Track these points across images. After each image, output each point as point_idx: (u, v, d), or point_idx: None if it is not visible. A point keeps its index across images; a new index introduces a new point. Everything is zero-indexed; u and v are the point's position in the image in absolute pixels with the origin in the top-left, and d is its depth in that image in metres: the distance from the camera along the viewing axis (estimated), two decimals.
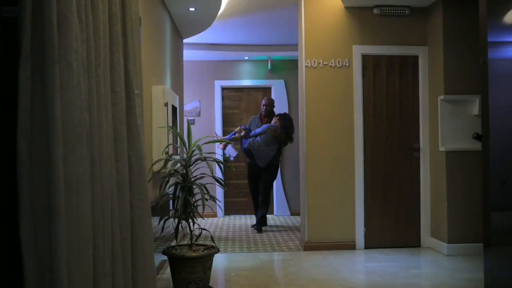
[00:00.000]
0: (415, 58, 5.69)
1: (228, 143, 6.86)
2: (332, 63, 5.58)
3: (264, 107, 7.22)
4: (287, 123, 6.90)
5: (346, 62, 5.59)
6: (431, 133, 5.57)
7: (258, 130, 6.87)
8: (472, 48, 4.99)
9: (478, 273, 4.10)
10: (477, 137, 4.30)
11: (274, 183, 8.41)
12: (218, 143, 7.25)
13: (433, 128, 5.54)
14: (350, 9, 5.60)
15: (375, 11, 5.57)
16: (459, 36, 5.29)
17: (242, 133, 6.88)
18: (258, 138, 6.77)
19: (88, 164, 2.00)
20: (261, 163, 6.83)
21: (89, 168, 2.03)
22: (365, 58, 5.64)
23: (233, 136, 6.97)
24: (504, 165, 3.50)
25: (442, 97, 5.31)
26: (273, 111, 7.25)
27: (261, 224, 6.98)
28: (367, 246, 5.56)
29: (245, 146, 6.83)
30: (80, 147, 1.91)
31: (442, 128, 5.35)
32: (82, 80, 1.97)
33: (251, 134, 6.86)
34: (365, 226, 5.57)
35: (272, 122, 6.91)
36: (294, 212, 8.19)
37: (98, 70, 2.20)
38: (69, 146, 1.86)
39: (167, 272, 4.35)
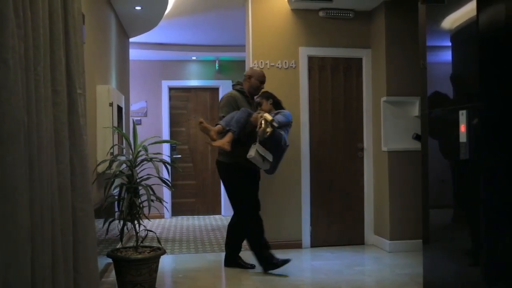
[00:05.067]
0: (359, 60, 5.83)
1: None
2: (279, 64, 5.63)
3: (262, 84, 4.80)
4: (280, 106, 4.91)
5: (292, 64, 5.66)
6: (374, 134, 5.73)
7: (282, 118, 4.57)
8: (413, 51, 5.16)
9: (418, 268, 4.24)
10: (417, 137, 4.46)
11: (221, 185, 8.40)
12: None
13: (376, 129, 5.69)
14: (297, 11, 5.68)
15: (321, 14, 5.67)
16: (400, 40, 5.46)
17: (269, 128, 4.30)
18: (282, 131, 4.55)
19: (26, 166, 1.94)
20: (276, 169, 4.72)
21: (28, 169, 1.97)
22: (311, 59, 5.72)
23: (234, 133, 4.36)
24: (442, 164, 3.65)
25: (384, 98, 5.47)
26: None
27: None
28: (313, 245, 5.65)
29: (287, 143, 4.63)
30: (17, 147, 1.85)
31: (384, 128, 5.50)
32: (19, 78, 1.91)
33: (277, 123, 4.41)
34: (311, 225, 5.66)
35: (263, 106, 4.75)
36: None
37: (37, 68, 2.13)
38: (4, 147, 1.79)
39: (112, 275, 4.26)
